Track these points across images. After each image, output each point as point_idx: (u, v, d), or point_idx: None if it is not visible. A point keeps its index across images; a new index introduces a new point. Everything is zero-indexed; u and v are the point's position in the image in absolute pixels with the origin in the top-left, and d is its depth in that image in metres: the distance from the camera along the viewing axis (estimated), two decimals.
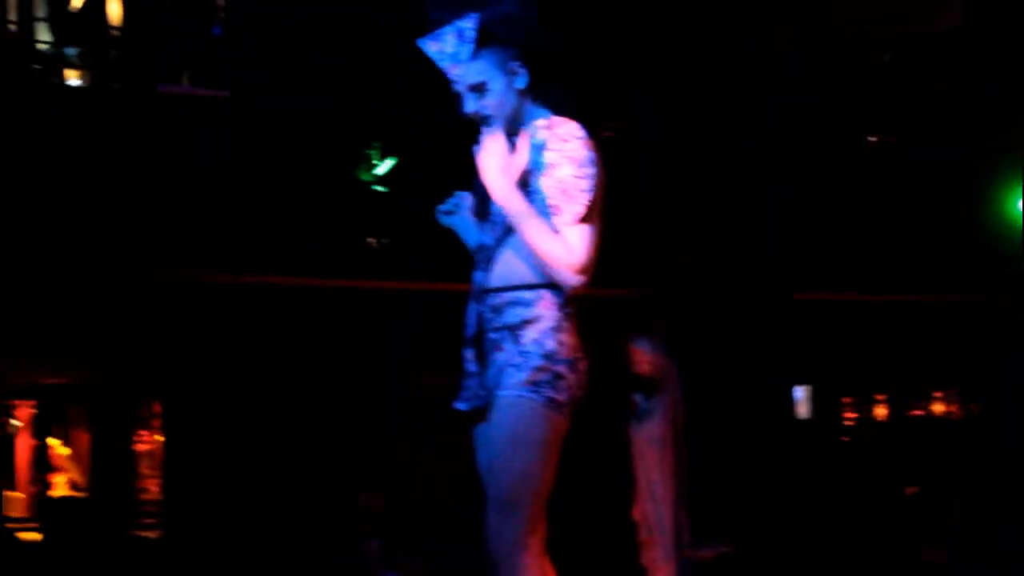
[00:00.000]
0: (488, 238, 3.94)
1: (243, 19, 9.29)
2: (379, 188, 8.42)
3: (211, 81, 9.33)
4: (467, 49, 3.84)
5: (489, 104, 3.94)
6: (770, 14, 9.40)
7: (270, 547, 8.65)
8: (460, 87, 3.98)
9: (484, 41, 3.89)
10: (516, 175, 3.79)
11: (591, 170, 3.77)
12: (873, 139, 10.24)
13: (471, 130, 4.12)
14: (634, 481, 8.19)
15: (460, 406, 3.90)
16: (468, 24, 3.84)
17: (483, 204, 4.04)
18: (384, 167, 8.41)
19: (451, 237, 4.32)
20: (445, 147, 7.68)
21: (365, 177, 8.47)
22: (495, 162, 3.81)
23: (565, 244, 3.69)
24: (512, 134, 3.92)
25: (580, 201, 3.84)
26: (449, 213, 4.19)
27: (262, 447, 9.12)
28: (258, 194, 8.75)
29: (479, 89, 3.93)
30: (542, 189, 3.77)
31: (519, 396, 3.80)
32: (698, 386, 8.55)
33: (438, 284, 8.99)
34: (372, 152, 8.43)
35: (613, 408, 8.07)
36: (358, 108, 8.43)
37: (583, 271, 3.74)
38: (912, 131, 10.41)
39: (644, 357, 8.23)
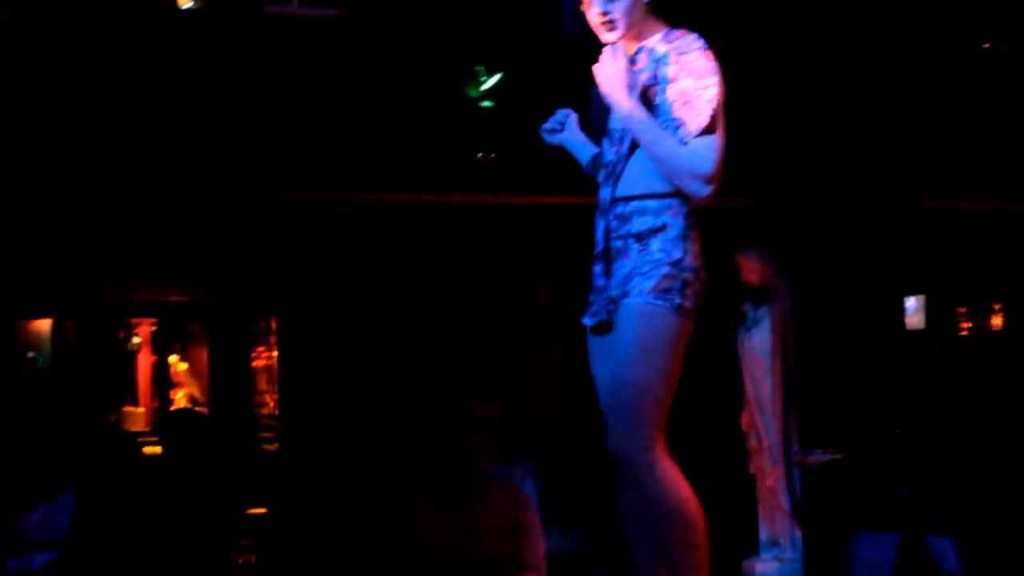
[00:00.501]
0: (611, 154, 3.93)
1: None
2: (486, 103, 8.45)
3: (320, 1, 9.39)
4: None
5: (617, 8, 3.88)
6: None
7: (383, 459, 8.79)
8: None
9: None
10: (638, 89, 3.79)
11: (713, 80, 3.75)
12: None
13: (579, 46, 4.13)
14: (743, 390, 8.24)
15: (587, 321, 3.90)
16: None
17: (602, 120, 4.03)
18: (491, 82, 8.43)
19: (558, 153, 4.33)
20: (551, 64, 7.72)
21: (473, 93, 8.50)
22: (617, 76, 3.78)
23: (692, 155, 3.70)
24: (633, 48, 3.89)
25: (704, 112, 3.80)
26: (554, 131, 4.19)
27: (375, 361, 9.25)
28: (369, 112, 8.82)
29: None
30: (666, 102, 3.77)
31: (649, 303, 3.77)
32: (808, 296, 8.54)
33: (546, 198, 9.06)
34: (479, 68, 8.45)
35: (723, 317, 8.09)
36: (464, 25, 8.43)
37: (711, 180, 3.71)
38: None
39: (753, 267, 8.23)
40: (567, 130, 4.23)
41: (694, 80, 3.81)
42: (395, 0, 8.64)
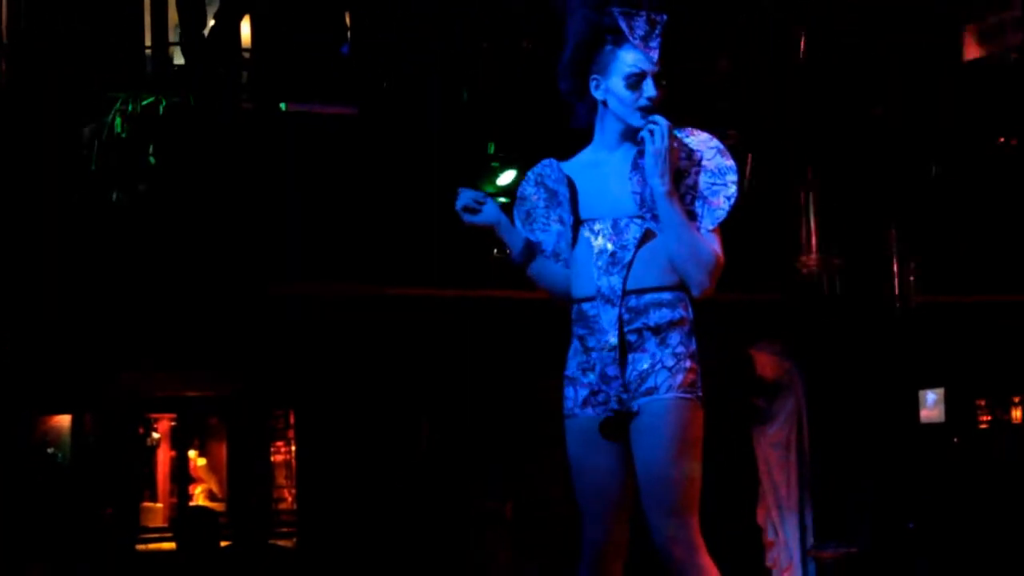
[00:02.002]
0: (604, 242, 3.94)
1: (370, 37, 9.46)
2: (502, 199, 8.52)
3: (339, 98, 9.50)
4: (657, 37, 3.88)
5: (662, 97, 3.91)
6: None
7: (400, 555, 8.78)
8: (650, 67, 3.94)
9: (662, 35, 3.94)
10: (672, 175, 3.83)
11: (733, 178, 3.79)
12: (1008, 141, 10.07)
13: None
14: (758, 484, 8.22)
15: (596, 412, 3.88)
16: (659, 19, 3.88)
17: (586, 204, 4.04)
18: (507, 178, 8.50)
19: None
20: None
21: (489, 189, 8.57)
22: (665, 155, 3.81)
23: (708, 248, 3.74)
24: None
25: (724, 208, 3.87)
26: (470, 210, 4.13)
27: (393, 456, 9.26)
28: (385, 208, 8.90)
29: (658, 79, 3.93)
30: (681, 193, 3.81)
31: (680, 398, 3.79)
32: (822, 390, 8.54)
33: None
34: (494, 164, 8.52)
35: (737, 412, 8.10)
36: (481, 121, 8.52)
37: (716, 274, 3.77)
38: None
39: (768, 362, 8.25)
40: (487, 211, 4.18)
41: (710, 177, 3.85)
42: (411, 97, 8.75)
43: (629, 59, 3.91)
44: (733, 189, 3.84)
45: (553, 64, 4.10)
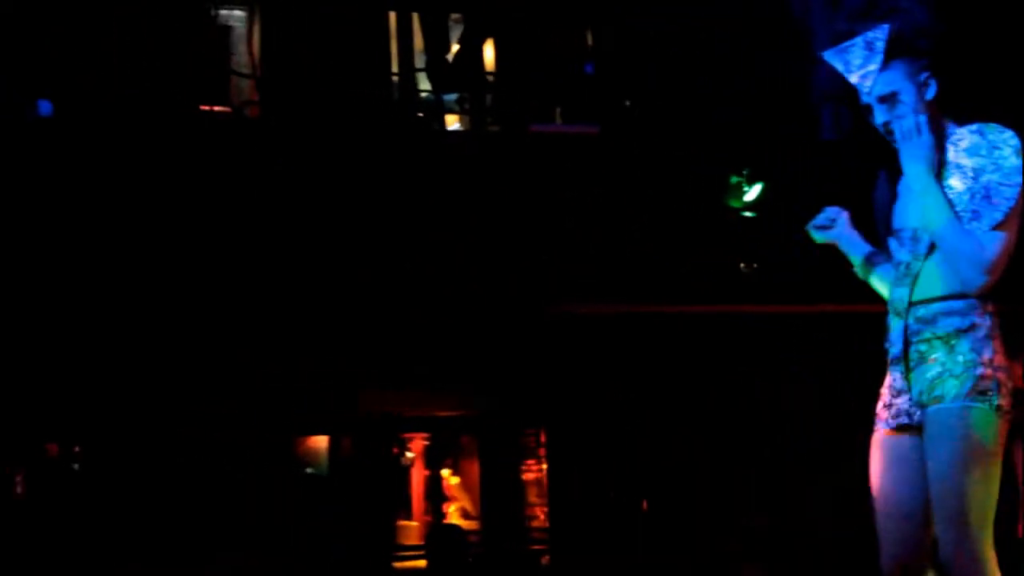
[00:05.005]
0: (903, 254, 3.88)
1: (612, 57, 9.49)
2: (748, 214, 8.47)
3: (582, 118, 9.55)
4: (877, 60, 3.82)
5: (901, 115, 3.86)
6: None
7: (651, 572, 8.75)
8: (869, 99, 3.91)
9: (894, 52, 3.86)
10: (935, 167, 3.75)
11: (1019, 178, 3.70)
12: None
13: (837, 153, 4.13)
14: (1019, 497, 7.97)
15: (889, 424, 3.83)
16: (878, 35, 3.82)
17: (891, 220, 3.98)
18: (753, 193, 8.45)
19: (821, 258, 4.30)
20: (811, 170, 7.70)
21: (735, 204, 8.53)
22: (922, 150, 3.75)
23: (976, 243, 3.65)
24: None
25: (1001, 208, 3.76)
26: (824, 228, 4.14)
27: (643, 473, 9.25)
28: (632, 225, 8.91)
29: (889, 100, 3.87)
30: (964, 191, 3.73)
31: (967, 406, 3.69)
32: None
33: (810, 307, 8.98)
34: (740, 179, 8.48)
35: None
36: (724, 136, 8.48)
37: (987, 272, 3.63)
38: None
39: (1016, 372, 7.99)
40: (838, 227, 4.15)
41: (999, 176, 3.76)
42: (653, 115, 8.75)
43: None
44: (1015, 191, 3.73)
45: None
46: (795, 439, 9.04)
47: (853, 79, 3.96)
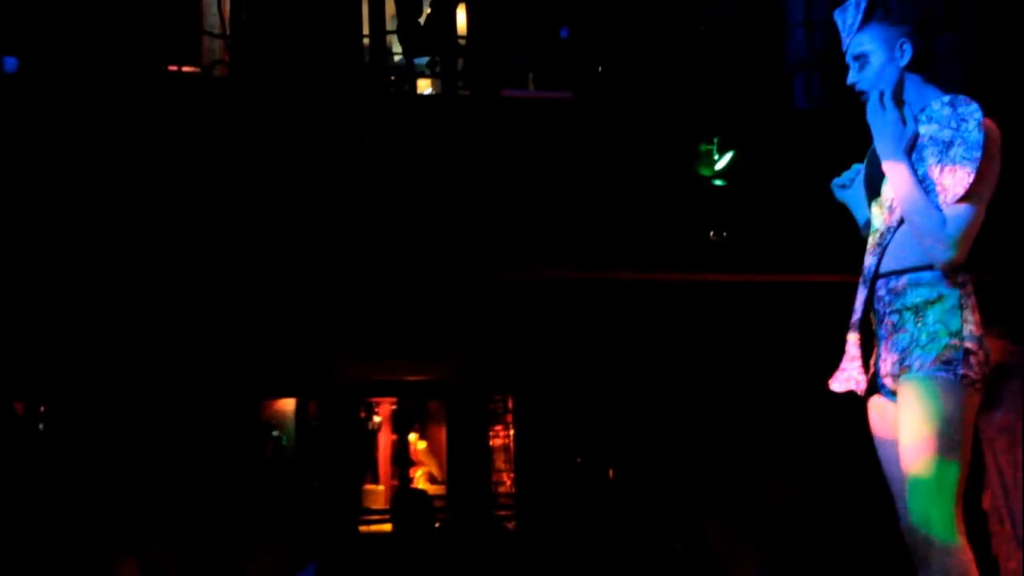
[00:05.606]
0: (880, 223, 3.89)
1: (586, 23, 9.47)
2: (718, 182, 8.46)
3: (555, 84, 9.52)
4: (859, 19, 3.84)
5: (865, 77, 3.87)
6: None
7: (620, 541, 8.77)
8: (848, 57, 3.92)
9: (874, 13, 3.86)
10: (906, 143, 3.75)
11: (979, 153, 3.69)
12: None
13: (810, 122, 4.12)
14: (984, 470, 8.00)
15: (835, 387, 3.86)
16: None
17: (875, 187, 3.99)
18: (723, 161, 8.44)
19: (788, 229, 4.32)
20: (782, 140, 7.70)
21: (705, 172, 8.52)
22: (888, 127, 3.76)
23: (941, 218, 3.66)
24: (902, 105, 3.85)
25: (962, 183, 3.76)
26: (844, 187, 4.14)
27: (610, 439, 9.27)
28: (601, 191, 8.89)
29: (860, 60, 3.89)
30: (933, 165, 3.73)
31: (932, 375, 3.72)
32: None
33: (779, 276, 8.99)
34: (710, 147, 8.48)
35: None
36: (696, 105, 8.46)
37: (953, 246, 3.65)
38: None
39: (993, 343, 8.02)
40: (854, 187, 4.17)
41: (964, 149, 3.75)
42: (626, 82, 8.73)
43: None
44: (975, 165, 3.72)
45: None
46: (760, 405, 9.06)
47: (843, 37, 3.98)
